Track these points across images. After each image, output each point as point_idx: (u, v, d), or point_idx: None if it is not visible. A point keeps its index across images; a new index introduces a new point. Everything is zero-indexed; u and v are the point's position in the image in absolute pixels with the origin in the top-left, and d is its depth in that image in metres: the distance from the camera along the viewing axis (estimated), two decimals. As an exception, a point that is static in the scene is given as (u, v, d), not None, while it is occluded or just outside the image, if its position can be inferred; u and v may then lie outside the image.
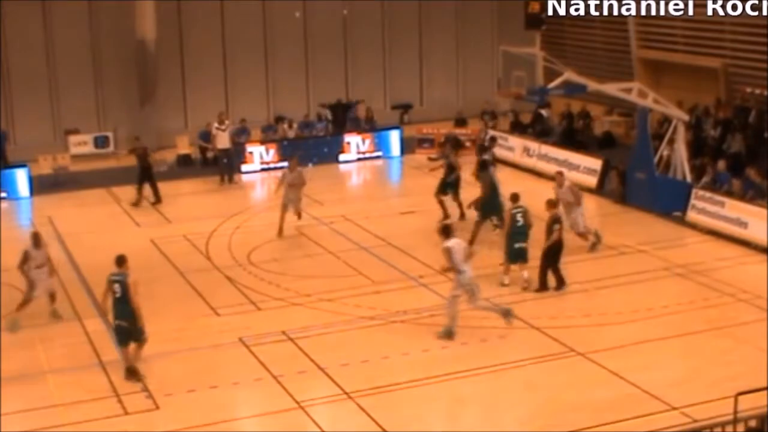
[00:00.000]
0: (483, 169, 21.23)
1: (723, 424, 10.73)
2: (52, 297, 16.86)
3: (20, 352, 15.36)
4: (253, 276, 18.90)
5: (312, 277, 18.71)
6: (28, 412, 13.48)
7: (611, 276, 18.33)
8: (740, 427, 10.76)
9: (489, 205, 20.34)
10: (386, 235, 21.13)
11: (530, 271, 17.77)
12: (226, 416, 13.37)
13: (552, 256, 17.48)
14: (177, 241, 21.43)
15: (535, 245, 17.84)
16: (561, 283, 17.53)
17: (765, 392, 11.16)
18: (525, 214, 17.84)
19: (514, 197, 18.17)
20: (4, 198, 25.57)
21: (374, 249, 20.36)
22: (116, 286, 14.17)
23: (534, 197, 19.56)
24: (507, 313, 15.71)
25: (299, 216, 21.81)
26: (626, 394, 13.51)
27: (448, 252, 15.37)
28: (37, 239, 16.75)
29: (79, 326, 16.32)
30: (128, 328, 14.16)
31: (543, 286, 17.51)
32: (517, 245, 17.74)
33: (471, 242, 19.85)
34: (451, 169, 21.90)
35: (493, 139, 26.32)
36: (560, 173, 20.61)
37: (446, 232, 15.72)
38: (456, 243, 15.49)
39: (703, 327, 15.88)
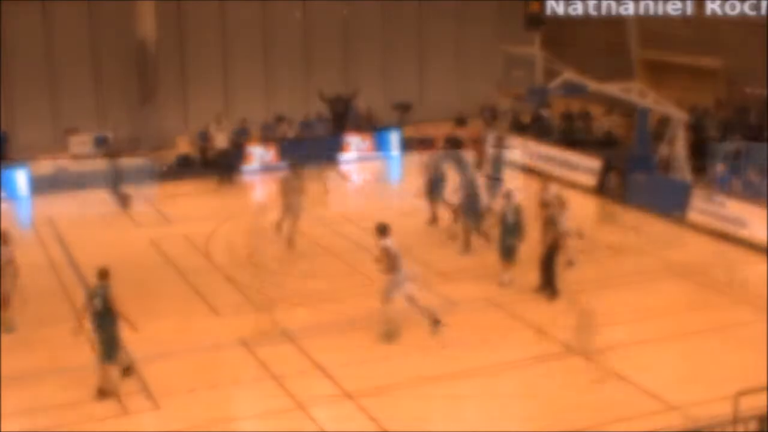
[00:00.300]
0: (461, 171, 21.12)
1: (723, 424, 10.74)
2: (6, 303, 16.23)
3: (20, 352, 15.35)
4: (253, 276, 18.89)
5: (312, 277, 18.71)
6: (28, 412, 13.48)
7: (611, 276, 18.33)
8: (740, 427, 10.77)
9: (467, 209, 20.10)
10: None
11: (516, 272, 17.85)
12: (226, 416, 13.38)
13: (550, 257, 17.41)
14: (177, 241, 21.43)
15: (532, 245, 17.83)
16: (554, 293, 17.24)
17: (765, 392, 11.16)
18: (516, 212, 17.84)
19: (506, 195, 18.20)
20: (4, 198, 25.57)
21: (374, 249, 20.30)
22: (96, 300, 13.74)
23: (532, 197, 19.57)
24: (436, 322, 15.69)
25: (294, 224, 21.07)
26: (626, 394, 13.51)
27: (386, 251, 15.38)
28: (4, 236, 16.45)
29: (78, 326, 16.28)
30: (108, 341, 13.73)
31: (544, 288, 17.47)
32: (507, 242, 17.77)
33: (466, 246, 19.85)
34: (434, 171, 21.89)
35: (500, 139, 26.14)
36: (546, 179, 20.52)
37: (382, 230, 15.68)
38: (393, 243, 15.51)
39: (703, 327, 15.88)
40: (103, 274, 13.93)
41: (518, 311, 16.63)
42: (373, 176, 28.97)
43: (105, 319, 13.72)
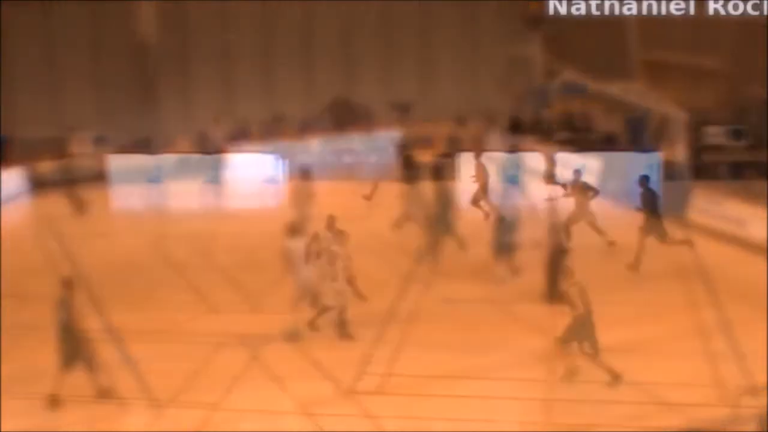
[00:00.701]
0: (436, 178, 20.70)
1: (723, 424, 10.74)
2: None
3: (20, 352, 15.36)
4: (253, 276, 18.89)
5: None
6: (28, 412, 13.48)
7: (610, 276, 18.33)
8: (740, 427, 10.77)
9: (439, 221, 19.44)
10: (386, 236, 21.13)
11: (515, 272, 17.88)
12: (226, 416, 13.38)
13: (553, 261, 17.29)
14: (177, 241, 21.44)
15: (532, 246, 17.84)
16: (555, 295, 16.82)
17: (765, 392, 11.16)
18: (513, 211, 17.87)
19: (506, 195, 18.25)
20: (3, 198, 25.57)
21: (374, 249, 20.34)
22: (61, 311, 13.49)
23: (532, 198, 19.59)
24: (294, 335, 15.51)
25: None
26: (626, 394, 13.51)
27: (286, 252, 15.35)
28: None
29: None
30: (74, 351, 13.51)
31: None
32: (503, 239, 17.74)
33: (461, 246, 19.75)
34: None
35: (515, 144, 26.04)
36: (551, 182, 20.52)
37: (291, 231, 15.62)
38: (298, 243, 15.44)
39: (703, 327, 15.87)
40: (67, 284, 13.71)
41: (518, 311, 16.62)
42: (371, 177, 28.92)
43: (68, 330, 13.48)
